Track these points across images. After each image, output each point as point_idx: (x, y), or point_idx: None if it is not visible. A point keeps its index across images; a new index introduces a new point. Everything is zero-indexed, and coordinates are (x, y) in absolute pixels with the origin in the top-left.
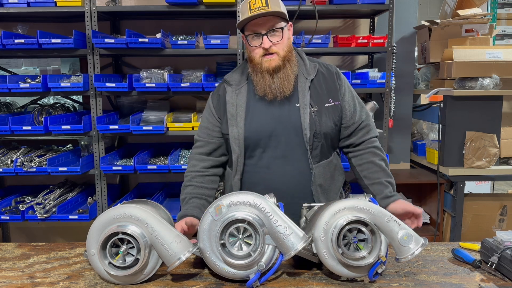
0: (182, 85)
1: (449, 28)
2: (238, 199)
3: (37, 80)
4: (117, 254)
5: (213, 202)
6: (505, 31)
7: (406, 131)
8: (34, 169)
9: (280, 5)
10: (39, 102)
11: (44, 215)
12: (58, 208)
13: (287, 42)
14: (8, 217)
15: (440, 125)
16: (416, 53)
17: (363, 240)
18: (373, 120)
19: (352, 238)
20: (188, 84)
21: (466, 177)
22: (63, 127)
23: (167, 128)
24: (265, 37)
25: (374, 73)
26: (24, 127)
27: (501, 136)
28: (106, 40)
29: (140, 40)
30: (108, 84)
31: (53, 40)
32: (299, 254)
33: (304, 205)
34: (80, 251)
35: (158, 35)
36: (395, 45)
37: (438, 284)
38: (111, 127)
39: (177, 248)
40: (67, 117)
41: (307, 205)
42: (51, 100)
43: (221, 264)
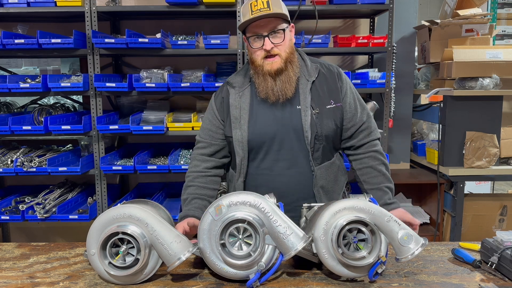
0: (182, 85)
1: (449, 28)
2: (238, 199)
3: (37, 80)
4: (117, 254)
5: (213, 202)
6: (505, 31)
7: (406, 131)
8: (34, 169)
9: (282, 7)
10: (39, 102)
11: (44, 215)
12: (58, 208)
13: (289, 43)
14: (8, 217)
15: (440, 125)
16: (416, 53)
17: (363, 240)
18: (374, 122)
19: (352, 238)
20: (188, 84)
21: (466, 177)
22: (63, 127)
23: (167, 128)
24: (266, 38)
25: (374, 73)
26: (24, 127)
27: (501, 136)
28: (106, 40)
29: (140, 40)
30: (108, 84)
31: (53, 40)
32: (299, 254)
33: (304, 205)
34: (80, 251)
35: (158, 35)
36: (395, 45)
37: (438, 284)
38: (111, 127)
39: (177, 248)
40: (67, 117)
41: (307, 205)
42: (51, 100)
43: (221, 264)
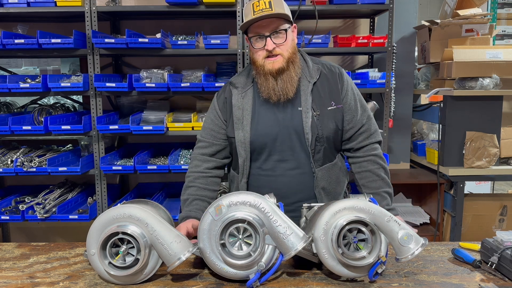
0: (182, 85)
1: (449, 28)
2: (238, 199)
3: (37, 80)
4: (117, 254)
5: (213, 202)
6: (505, 31)
7: (406, 131)
8: (34, 169)
9: (284, 7)
10: (39, 102)
11: (44, 215)
12: (58, 208)
13: (291, 43)
14: (8, 217)
15: (440, 125)
16: (416, 53)
17: (363, 240)
18: (376, 124)
19: (352, 238)
20: (188, 84)
21: (466, 177)
22: (63, 127)
23: (167, 128)
24: (268, 39)
25: (374, 73)
26: (24, 127)
27: (501, 136)
28: (106, 40)
29: (140, 40)
30: (108, 84)
31: (53, 40)
32: (299, 254)
33: (304, 205)
34: (80, 251)
35: (158, 35)
36: (395, 45)
37: (438, 284)
38: (111, 127)
39: (177, 248)
40: (67, 117)
41: (307, 205)
42: (51, 100)
43: (221, 264)
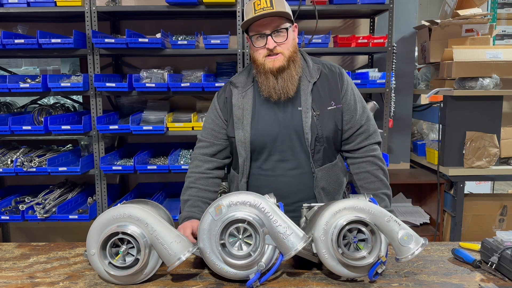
0: (182, 85)
1: (449, 28)
2: (238, 199)
3: (37, 80)
4: (117, 254)
5: (213, 202)
6: (505, 31)
7: (406, 131)
8: (34, 169)
9: (285, 6)
10: (39, 102)
11: (44, 215)
12: (58, 208)
13: (292, 42)
14: (8, 217)
15: (440, 125)
16: (416, 53)
17: (363, 240)
18: (375, 124)
19: (352, 238)
20: (188, 84)
21: (466, 177)
22: (63, 127)
23: (167, 128)
24: (269, 37)
25: (374, 73)
26: (24, 127)
27: (501, 136)
28: (106, 40)
29: (140, 40)
30: (108, 84)
31: (53, 40)
32: (299, 254)
33: (304, 205)
34: (80, 251)
35: (158, 35)
36: (395, 45)
37: (438, 284)
38: (111, 127)
39: (177, 248)
40: (67, 117)
41: (307, 205)
42: (51, 100)
43: (221, 264)
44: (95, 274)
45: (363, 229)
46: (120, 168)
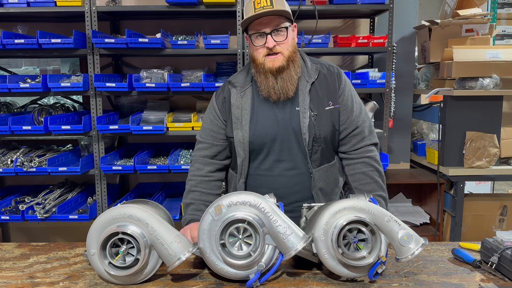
0: (182, 85)
1: (449, 28)
2: (238, 199)
3: (37, 80)
4: (117, 254)
5: (213, 202)
6: (505, 31)
7: (406, 131)
8: (34, 169)
9: (285, 5)
10: (39, 102)
11: (44, 215)
12: (58, 208)
13: (291, 42)
14: (8, 217)
15: (440, 125)
16: (416, 53)
17: (363, 240)
18: (372, 126)
19: (352, 238)
20: (188, 84)
21: (466, 177)
22: (63, 127)
23: (167, 128)
24: (269, 36)
25: (374, 73)
26: (24, 127)
27: (501, 136)
28: (106, 40)
29: (140, 40)
30: (108, 84)
31: (53, 40)
32: (299, 254)
33: (304, 205)
34: (80, 251)
35: (158, 35)
36: (395, 45)
37: (438, 284)
38: (111, 127)
39: (177, 248)
40: (67, 117)
41: (307, 205)
42: (51, 100)
43: (221, 264)
44: (95, 274)
45: (363, 229)
46: (120, 168)
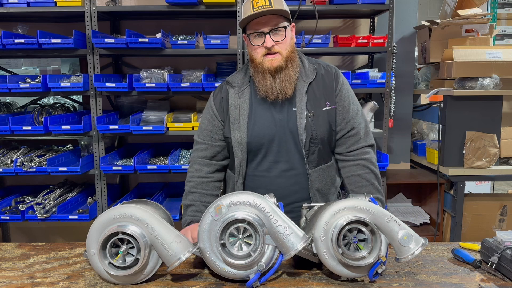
0: (182, 85)
1: (449, 28)
2: (238, 199)
3: (37, 80)
4: (117, 254)
5: (213, 202)
6: (505, 31)
7: (406, 131)
8: (34, 169)
9: (283, 5)
10: (39, 102)
11: (44, 215)
12: (58, 208)
13: (290, 42)
14: (8, 217)
15: (440, 125)
16: (416, 53)
17: (363, 240)
18: (368, 127)
19: (352, 238)
20: (188, 84)
21: (466, 177)
22: (63, 127)
23: (167, 128)
24: (267, 36)
25: (374, 73)
26: (24, 127)
27: (501, 136)
28: (106, 40)
29: (140, 40)
30: (108, 84)
31: (53, 40)
32: (299, 254)
33: (304, 205)
34: (80, 251)
35: (158, 35)
36: (395, 45)
37: (438, 284)
38: (111, 127)
39: (177, 248)
40: (67, 117)
41: (307, 205)
42: (51, 100)
43: (221, 264)
44: (95, 274)
45: (363, 229)
46: (120, 168)
